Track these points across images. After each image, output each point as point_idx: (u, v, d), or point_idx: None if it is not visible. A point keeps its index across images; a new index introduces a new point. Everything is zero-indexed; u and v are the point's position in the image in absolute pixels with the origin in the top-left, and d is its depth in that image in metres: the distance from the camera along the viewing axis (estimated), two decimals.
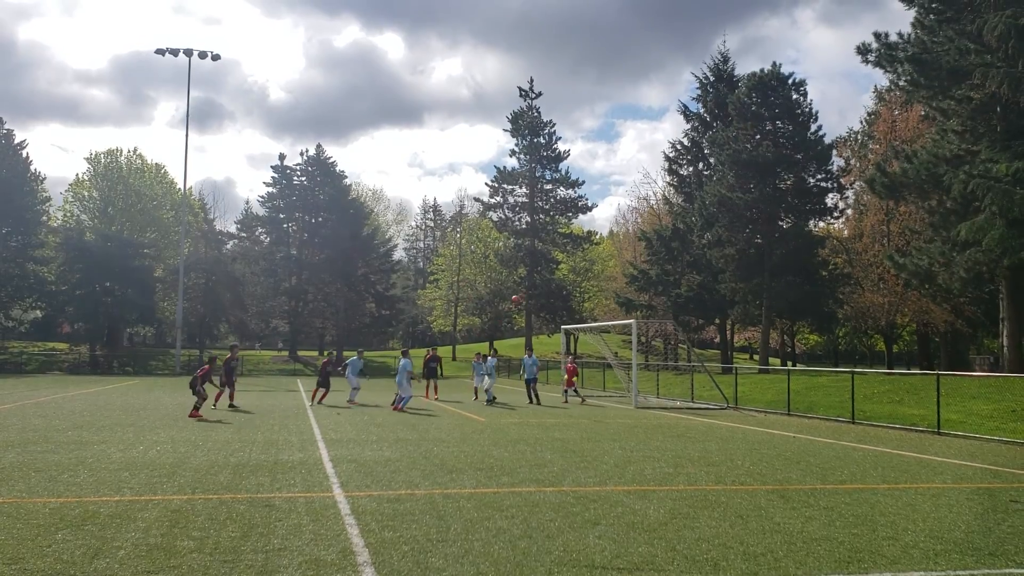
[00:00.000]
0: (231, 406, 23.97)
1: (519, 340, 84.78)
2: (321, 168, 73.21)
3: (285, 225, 73.83)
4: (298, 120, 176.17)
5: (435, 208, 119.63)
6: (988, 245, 26.54)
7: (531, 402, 28.34)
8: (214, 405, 23.77)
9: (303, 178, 73.34)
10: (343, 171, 74.92)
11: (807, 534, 8.25)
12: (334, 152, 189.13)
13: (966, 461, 14.77)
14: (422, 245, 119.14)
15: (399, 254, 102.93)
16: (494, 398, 28.84)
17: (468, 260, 76.01)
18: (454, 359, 73.56)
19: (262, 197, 73.83)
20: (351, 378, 27.48)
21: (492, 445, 15.69)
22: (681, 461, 13.84)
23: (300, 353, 71.17)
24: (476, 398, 30.41)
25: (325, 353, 31.45)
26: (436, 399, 29.59)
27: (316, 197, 72.68)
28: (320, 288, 71.72)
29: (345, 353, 29.24)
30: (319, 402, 26.45)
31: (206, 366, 22.73)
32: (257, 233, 75.96)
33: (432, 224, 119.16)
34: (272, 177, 73.45)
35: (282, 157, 73.89)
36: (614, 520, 8.75)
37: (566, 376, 30.32)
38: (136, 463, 12.59)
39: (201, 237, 76.52)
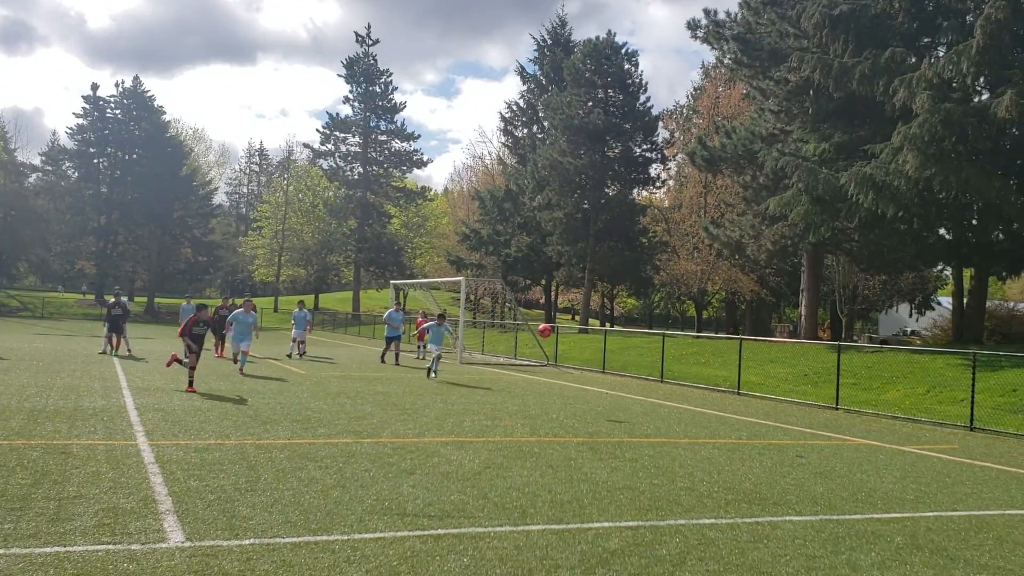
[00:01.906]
0: None
1: (345, 294, 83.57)
2: (138, 102, 68.63)
3: (96, 160, 68.93)
4: (120, 50, 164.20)
5: (261, 152, 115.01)
6: (794, 220, 28.43)
7: (388, 360, 25.99)
8: None
9: (118, 111, 68.57)
10: (162, 107, 70.71)
11: (612, 483, 8.63)
12: (158, 86, 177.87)
13: (761, 420, 15.90)
14: (245, 190, 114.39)
15: (220, 198, 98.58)
16: (435, 360, 21.22)
17: (295, 208, 73.71)
18: (276, 310, 71.59)
19: (71, 129, 68.57)
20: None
21: (311, 397, 15.42)
22: (499, 414, 14.12)
23: (107, 297, 67.02)
24: (290, 355, 27.15)
25: (110, 296, 28.30)
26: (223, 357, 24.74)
27: (131, 132, 68.16)
28: (132, 230, 67.71)
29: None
30: (116, 351, 24.10)
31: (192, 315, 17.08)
32: (64, 167, 70.54)
33: (257, 169, 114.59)
34: (83, 108, 68.29)
35: (95, 87, 68.85)
36: (429, 470, 8.81)
37: (418, 331, 29.88)
38: None
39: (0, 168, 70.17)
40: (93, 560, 5.23)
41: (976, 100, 25.23)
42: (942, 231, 29.65)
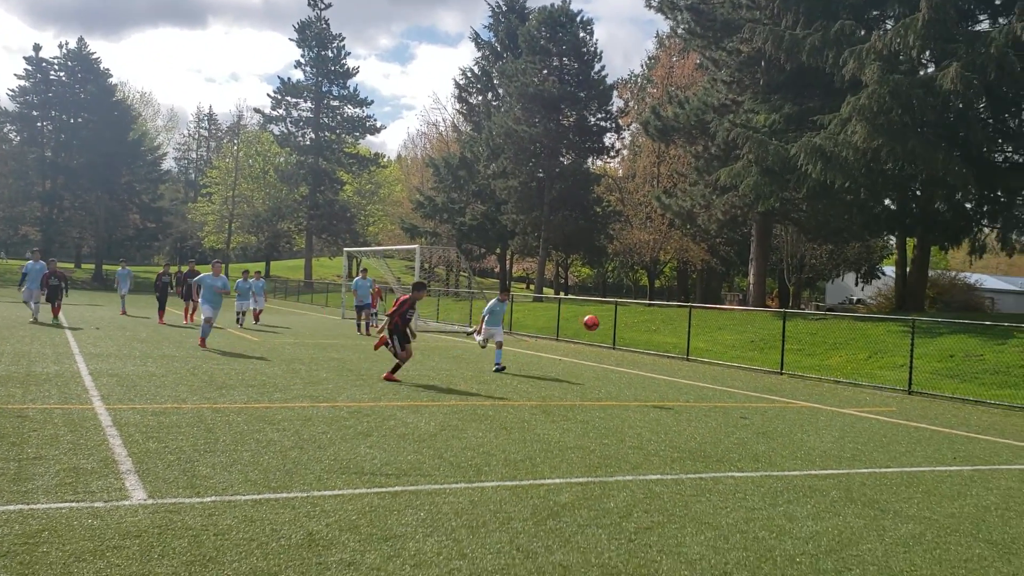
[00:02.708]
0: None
1: (297, 262, 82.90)
2: (83, 64, 66.92)
3: (39, 124, 67.21)
4: (64, 10, 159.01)
5: (211, 117, 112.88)
6: (744, 190, 28.90)
7: (359, 331, 25.61)
8: None
9: (62, 73, 66.84)
10: (108, 69, 68.97)
11: (563, 443, 8.91)
12: (104, 49, 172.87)
13: (708, 384, 16.34)
14: (195, 156, 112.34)
15: (168, 164, 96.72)
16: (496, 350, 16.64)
17: (245, 174, 72.72)
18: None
19: (12, 91, 66.74)
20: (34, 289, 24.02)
21: (265, 363, 15.48)
22: (454, 379, 14.33)
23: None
24: (240, 323, 26.11)
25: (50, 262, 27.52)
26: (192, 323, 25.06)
27: (76, 95, 66.53)
28: (78, 195, 66.30)
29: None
30: (56, 316, 23.80)
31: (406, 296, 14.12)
32: (5, 131, 68.65)
33: (207, 134, 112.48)
34: (25, 70, 66.43)
35: (37, 48, 66.92)
36: (386, 432, 8.99)
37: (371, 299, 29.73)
38: None
39: None
40: (57, 516, 5.34)
41: (922, 72, 25.80)
42: (887, 202, 30.39)
